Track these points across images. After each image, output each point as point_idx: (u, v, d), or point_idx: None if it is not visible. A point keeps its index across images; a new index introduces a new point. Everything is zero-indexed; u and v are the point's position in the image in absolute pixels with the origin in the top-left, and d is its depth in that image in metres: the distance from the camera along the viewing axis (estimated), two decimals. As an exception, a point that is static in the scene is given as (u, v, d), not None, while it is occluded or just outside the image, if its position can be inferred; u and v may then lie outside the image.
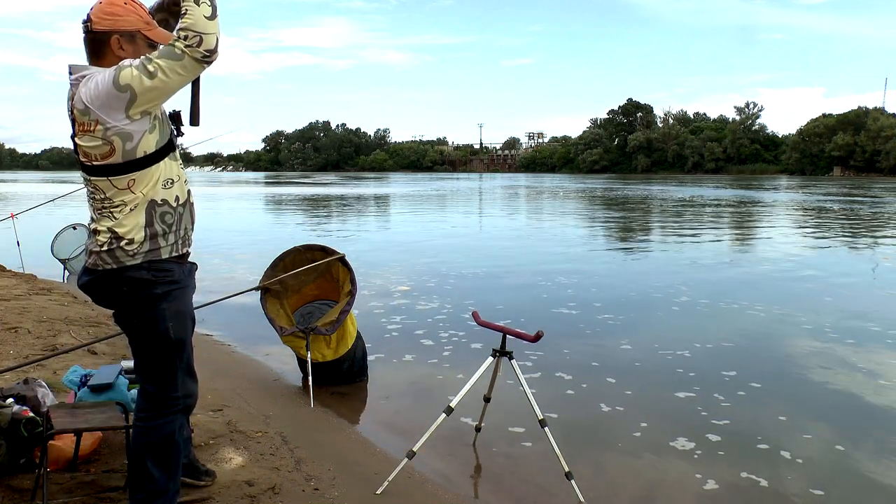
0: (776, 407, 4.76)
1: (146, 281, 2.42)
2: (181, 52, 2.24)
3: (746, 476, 3.71)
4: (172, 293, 2.49)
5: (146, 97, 2.27)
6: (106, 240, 2.39)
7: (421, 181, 70.49)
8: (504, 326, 3.54)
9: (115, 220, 2.38)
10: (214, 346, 6.23)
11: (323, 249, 5.25)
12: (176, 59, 2.25)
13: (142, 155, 2.35)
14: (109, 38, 2.37)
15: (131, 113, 2.28)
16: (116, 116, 2.27)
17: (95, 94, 2.27)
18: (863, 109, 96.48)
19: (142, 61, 2.26)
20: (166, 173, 2.44)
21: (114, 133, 2.29)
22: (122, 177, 2.35)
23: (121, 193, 2.37)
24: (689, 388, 5.14)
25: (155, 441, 2.53)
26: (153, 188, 2.40)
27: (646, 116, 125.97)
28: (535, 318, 7.36)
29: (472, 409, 4.12)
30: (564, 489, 3.39)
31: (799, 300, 8.47)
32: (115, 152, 2.31)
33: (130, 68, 2.26)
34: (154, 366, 2.55)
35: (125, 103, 2.26)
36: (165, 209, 2.45)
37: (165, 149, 2.43)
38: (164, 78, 2.25)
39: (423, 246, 14.48)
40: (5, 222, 10.23)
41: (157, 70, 2.24)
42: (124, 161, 2.33)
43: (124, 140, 2.30)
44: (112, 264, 2.39)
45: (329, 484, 3.28)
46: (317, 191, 45.64)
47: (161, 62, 2.25)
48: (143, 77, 2.24)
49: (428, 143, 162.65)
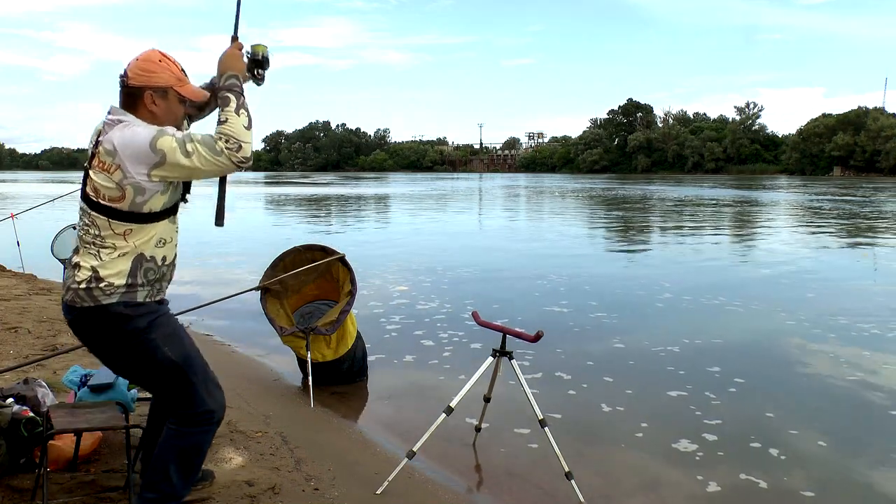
0: (771, 405, 4.77)
1: (125, 315, 2.44)
2: (221, 150, 2.34)
3: (745, 477, 3.71)
4: (155, 321, 2.51)
5: (173, 170, 2.36)
6: (86, 277, 2.42)
7: (421, 181, 70.50)
8: (504, 326, 3.53)
9: (100, 261, 2.42)
10: (214, 346, 6.23)
11: (323, 249, 5.25)
12: (214, 154, 2.34)
13: (147, 211, 2.42)
14: (143, 94, 2.45)
15: (153, 174, 2.36)
16: (139, 170, 2.34)
17: (129, 143, 2.35)
18: (863, 109, 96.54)
19: (184, 137, 2.35)
20: (162, 233, 2.50)
21: (129, 183, 2.36)
22: (122, 224, 2.40)
23: (115, 238, 2.42)
24: (684, 386, 5.14)
25: (184, 447, 2.55)
26: (146, 243, 2.46)
27: (646, 116, 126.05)
28: (533, 318, 7.36)
29: (472, 409, 4.12)
30: (564, 489, 3.39)
31: (785, 298, 8.50)
32: (125, 200, 2.38)
33: (172, 138, 2.34)
34: (171, 393, 2.56)
35: (152, 164, 2.34)
36: (151, 265, 2.49)
37: (169, 211, 2.50)
38: (197, 163, 2.34)
39: (422, 246, 14.48)
40: (5, 222, 10.23)
41: (195, 153, 2.33)
42: (129, 210, 2.39)
43: (136, 192, 2.37)
44: (89, 302, 2.42)
45: (329, 484, 3.28)
46: (316, 191, 45.65)
47: (201, 148, 2.33)
48: (178, 152, 2.32)
49: (428, 143, 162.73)
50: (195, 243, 14.55)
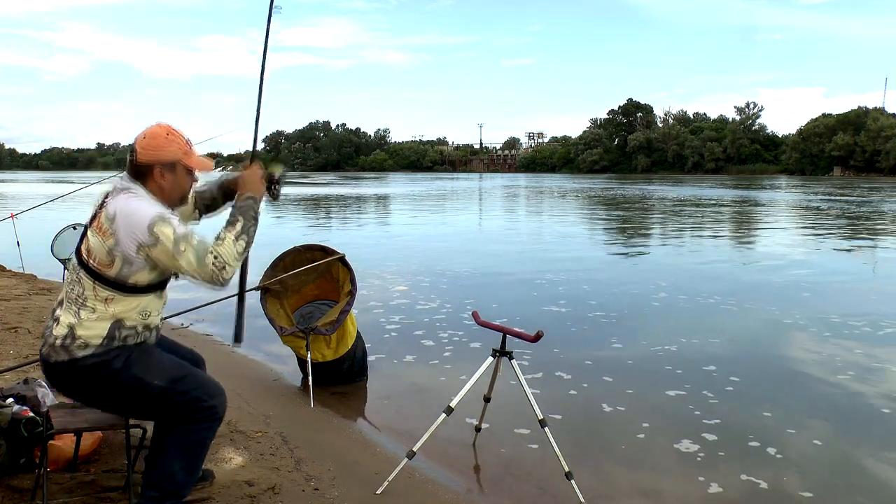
0: (768, 404, 4.78)
1: (98, 363, 2.45)
2: (208, 264, 2.39)
3: (746, 477, 3.71)
4: (130, 357, 2.51)
5: (159, 258, 2.40)
6: (62, 334, 2.44)
7: (421, 181, 70.49)
8: (504, 326, 3.53)
9: (77, 320, 2.43)
10: (214, 346, 6.23)
11: (323, 249, 5.25)
12: (201, 264, 2.39)
13: (132, 283, 2.44)
14: (152, 169, 2.52)
15: (140, 251, 2.39)
16: (130, 245, 2.38)
17: (130, 215, 2.39)
18: (863, 109, 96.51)
19: (181, 235, 2.38)
20: (146, 306, 2.52)
21: (119, 253, 2.39)
22: (106, 290, 2.43)
23: (96, 301, 2.43)
24: (682, 386, 5.15)
25: (188, 443, 2.57)
26: (127, 312, 2.47)
27: (646, 116, 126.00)
28: (533, 318, 7.36)
29: (473, 409, 4.12)
30: (564, 489, 3.39)
31: (780, 298, 8.51)
32: (112, 267, 2.41)
33: (172, 229, 2.38)
34: (171, 416, 2.56)
35: (143, 243, 2.38)
36: (129, 332, 2.50)
37: (155, 286, 2.52)
38: (182, 262, 2.39)
39: (421, 246, 14.48)
40: (5, 222, 10.22)
41: (185, 254, 2.38)
42: (115, 279, 2.42)
43: (124, 263, 2.40)
44: (64, 356, 2.44)
45: (329, 484, 3.29)
46: (316, 191, 45.64)
47: (191, 253, 2.38)
48: (171, 245, 2.37)
49: (428, 143, 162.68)
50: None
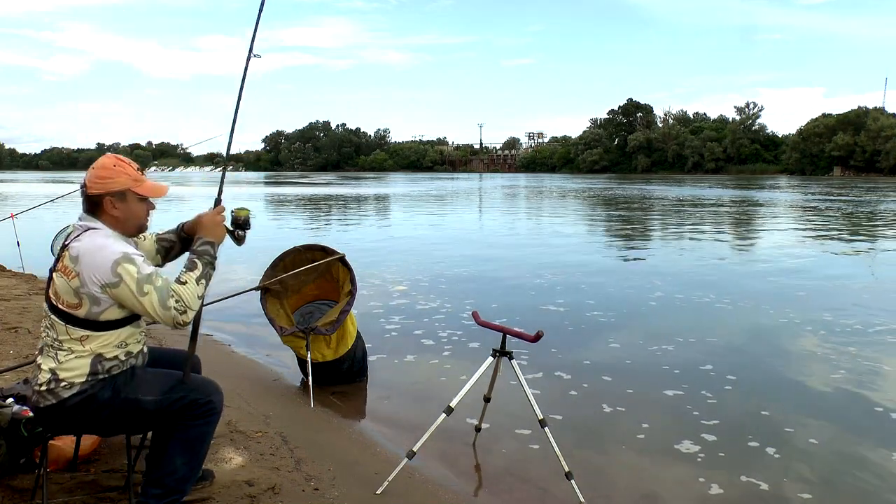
0: (764, 403, 4.78)
1: (87, 398, 2.46)
2: (170, 307, 2.39)
3: (746, 478, 3.70)
4: (116, 384, 2.51)
5: (123, 298, 2.39)
6: (46, 379, 2.45)
7: (420, 181, 70.46)
8: (504, 326, 3.53)
9: (57, 363, 2.44)
10: (214, 346, 6.23)
11: (323, 249, 5.25)
12: (163, 307, 2.39)
13: (104, 321, 2.43)
14: (103, 200, 2.50)
15: (105, 292, 2.38)
16: (94, 286, 2.37)
17: (93, 255, 2.38)
18: (863, 109, 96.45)
19: (146, 276, 2.38)
20: (125, 338, 2.52)
21: (85, 293, 2.38)
22: (78, 330, 2.42)
23: (72, 342, 2.43)
24: (680, 386, 5.15)
25: (188, 438, 2.58)
26: (105, 347, 2.47)
27: (646, 116, 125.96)
28: (533, 318, 7.37)
29: (472, 409, 4.12)
30: (564, 489, 3.39)
31: (776, 297, 8.51)
32: (81, 308, 2.40)
33: (136, 269, 2.38)
34: (171, 421, 2.57)
35: (107, 284, 2.37)
36: (113, 363, 2.50)
37: (129, 319, 2.51)
38: (145, 304, 2.38)
39: (421, 246, 14.47)
40: (5, 222, 10.21)
41: (149, 295, 2.38)
42: (86, 318, 2.41)
43: (92, 303, 2.40)
44: (52, 400, 2.45)
45: (329, 484, 3.28)
46: (316, 191, 45.63)
47: (154, 295, 2.38)
48: (135, 286, 2.37)
49: (428, 143, 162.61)
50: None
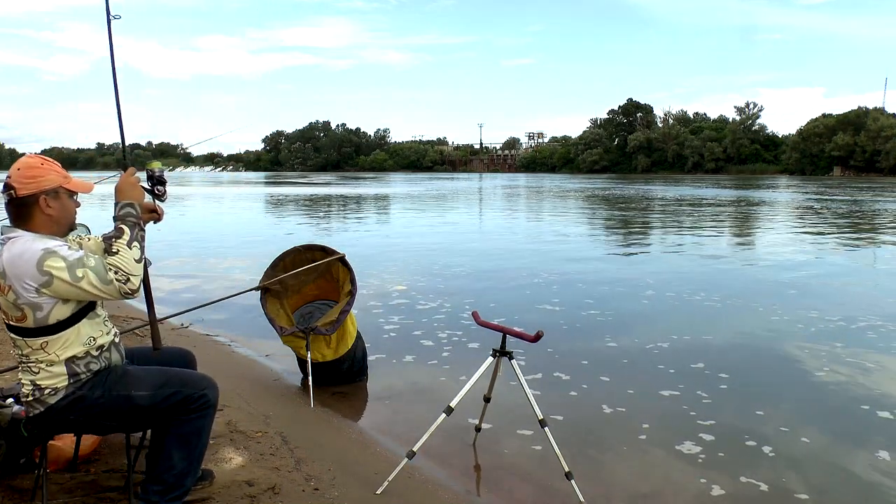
0: (760, 402, 4.79)
1: (75, 399, 2.46)
2: (110, 281, 2.35)
3: (745, 478, 3.70)
4: (107, 382, 2.51)
5: (61, 291, 2.34)
6: (30, 391, 2.45)
7: (420, 181, 70.47)
8: (504, 326, 3.53)
9: (35, 375, 2.43)
10: (214, 346, 6.23)
11: (323, 249, 5.25)
12: (104, 283, 2.34)
13: (54, 322, 2.39)
14: (38, 199, 2.41)
15: (42, 293, 2.33)
16: (28, 291, 2.32)
17: (16, 262, 2.32)
18: (863, 109, 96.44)
19: (75, 261, 2.32)
20: (87, 332, 2.48)
21: (24, 303, 2.34)
22: (36, 339, 2.40)
23: (36, 353, 2.42)
24: (676, 386, 5.14)
25: (185, 433, 2.59)
26: (69, 349, 2.44)
27: (646, 116, 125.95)
28: (532, 318, 7.37)
29: (472, 409, 4.12)
30: (564, 489, 3.39)
31: (769, 295, 8.53)
32: (27, 318, 2.37)
33: (62, 259, 2.31)
34: (166, 417, 2.58)
35: (39, 284, 2.31)
36: (88, 360, 2.49)
37: (82, 312, 2.46)
38: (86, 287, 2.33)
39: (421, 246, 14.48)
40: (5, 222, 10.21)
41: (85, 278, 2.32)
42: (36, 326, 2.38)
43: (34, 310, 2.35)
44: (40, 408, 2.45)
45: (329, 484, 3.29)
46: (316, 191, 45.65)
47: (91, 275, 2.32)
48: (67, 276, 2.31)
49: (428, 143, 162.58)
50: (195, 243, 14.56)
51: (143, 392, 2.53)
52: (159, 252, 11.75)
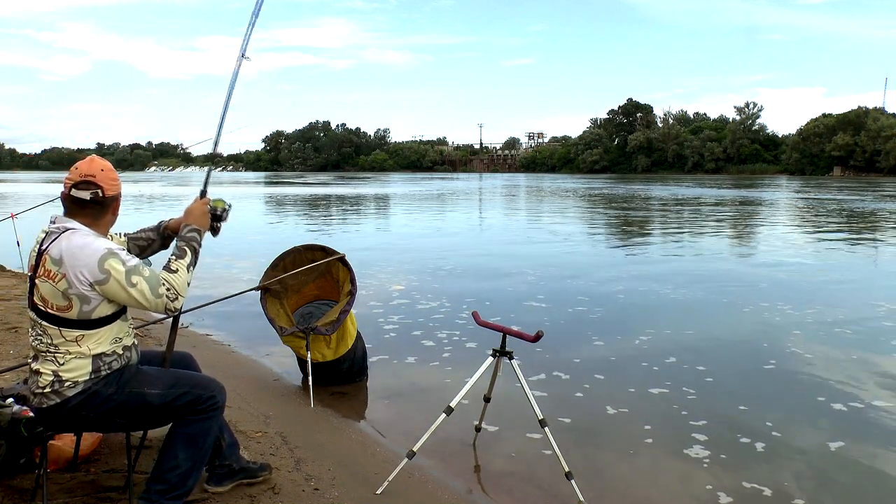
0: (763, 403, 4.79)
1: (91, 394, 2.48)
2: (161, 295, 2.44)
3: (746, 479, 3.71)
4: (122, 379, 2.54)
5: (113, 293, 2.42)
6: (49, 381, 2.46)
7: (420, 181, 70.45)
8: (504, 326, 3.53)
9: (59, 365, 2.45)
10: (214, 346, 6.23)
11: (323, 249, 5.25)
12: (154, 295, 2.43)
13: (96, 318, 2.44)
14: (116, 201, 2.57)
15: (95, 289, 2.39)
16: (82, 283, 2.37)
17: (77, 254, 2.37)
18: (863, 109, 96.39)
19: (133, 268, 2.41)
20: (117, 332, 2.54)
21: (74, 293, 2.39)
22: (73, 331, 2.43)
23: (68, 344, 2.44)
24: (680, 386, 5.15)
25: (192, 433, 2.63)
26: (100, 345, 2.48)
27: (646, 116, 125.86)
28: (532, 318, 7.37)
29: (472, 409, 4.12)
30: (564, 489, 3.39)
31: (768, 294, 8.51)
32: (72, 309, 2.41)
33: (121, 263, 2.40)
34: (174, 418, 2.62)
35: (95, 280, 2.37)
36: (112, 358, 2.53)
37: (119, 313, 2.52)
38: (136, 295, 2.41)
39: (421, 246, 14.48)
40: (5, 222, 10.21)
41: (138, 286, 2.40)
42: (78, 318, 2.42)
43: (83, 302, 2.40)
44: (56, 399, 2.46)
45: (329, 484, 3.29)
46: (316, 191, 45.63)
47: (144, 285, 2.40)
48: (124, 279, 2.38)
49: (428, 143, 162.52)
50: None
51: (156, 391, 2.57)
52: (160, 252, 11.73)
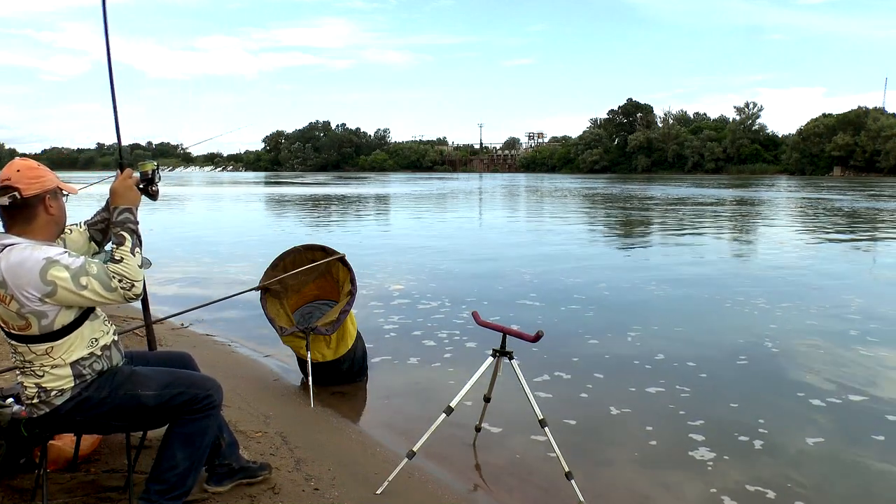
0: (762, 403, 4.79)
1: (82, 400, 2.46)
2: (115, 288, 2.34)
3: (746, 479, 3.70)
4: (114, 381, 2.52)
5: (66, 299, 2.33)
6: (34, 393, 2.44)
7: (420, 181, 70.46)
8: (504, 326, 3.53)
9: (39, 378, 2.43)
10: (214, 346, 6.23)
11: (323, 249, 5.25)
12: (108, 290, 2.34)
13: (59, 328, 2.38)
14: (42, 201, 2.41)
15: (46, 302, 2.31)
16: (31, 300, 2.30)
17: (18, 273, 2.29)
18: (863, 109, 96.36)
19: (78, 269, 2.31)
20: (90, 334, 2.48)
21: (28, 312, 2.32)
22: (40, 345, 2.38)
23: (41, 358, 2.41)
24: (680, 386, 5.14)
25: (189, 433, 2.61)
26: (74, 352, 2.44)
27: (646, 116, 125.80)
28: (532, 318, 7.37)
29: (473, 410, 4.12)
30: (564, 489, 3.39)
31: (767, 293, 8.52)
32: (32, 327, 2.35)
33: (64, 269, 2.30)
34: (171, 418, 2.61)
35: (43, 294, 2.30)
36: (92, 360, 2.49)
37: (84, 316, 2.46)
38: (90, 295, 2.33)
39: (421, 245, 14.47)
40: None
41: (89, 286, 2.31)
42: (41, 333, 2.37)
43: (40, 317, 2.34)
44: (46, 409, 2.45)
45: (329, 484, 3.29)
46: (316, 191, 45.65)
47: (95, 283, 2.32)
48: (72, 285, 2.29)
49: (428, 143, 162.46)
50: (195, 243, 14.57)
51: (150, 392, 2.55)
52: (159, 252, 11.74)
